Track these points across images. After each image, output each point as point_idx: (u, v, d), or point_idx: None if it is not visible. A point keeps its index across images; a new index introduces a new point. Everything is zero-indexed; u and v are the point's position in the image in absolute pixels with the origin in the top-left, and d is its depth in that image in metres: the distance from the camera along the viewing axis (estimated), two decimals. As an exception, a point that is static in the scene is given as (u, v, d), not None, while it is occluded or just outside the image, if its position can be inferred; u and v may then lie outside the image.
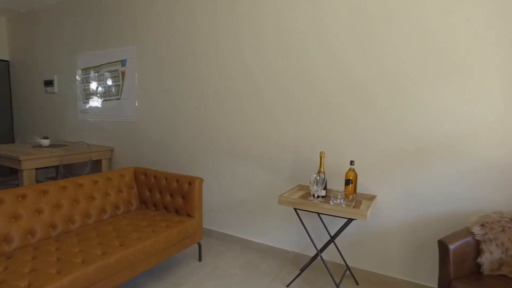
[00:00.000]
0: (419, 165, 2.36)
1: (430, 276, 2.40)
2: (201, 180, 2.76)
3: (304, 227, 2.35)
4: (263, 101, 2.92)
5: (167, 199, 2.85)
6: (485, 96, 2.14)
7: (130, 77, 3.83)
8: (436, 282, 2.38)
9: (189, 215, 2.73)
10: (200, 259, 2.84)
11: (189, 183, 2.76)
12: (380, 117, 2.45)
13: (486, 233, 1.93)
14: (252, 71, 2.95)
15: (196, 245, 3.13)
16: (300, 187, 2.70)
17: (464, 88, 2.18)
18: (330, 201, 2.26)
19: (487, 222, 1.96)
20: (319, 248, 2.75)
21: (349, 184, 2.37)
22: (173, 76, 3.47)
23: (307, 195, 2.52)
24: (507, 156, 2.12)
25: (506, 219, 1.96)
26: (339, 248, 2.69)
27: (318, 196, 2.39)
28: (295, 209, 2.34)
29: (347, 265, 2.59)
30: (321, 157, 2.41)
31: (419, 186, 2.37)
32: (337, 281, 2.41)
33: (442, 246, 1.86)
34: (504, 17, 2.05)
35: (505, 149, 2.12)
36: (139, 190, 2.98)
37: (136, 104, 3.80)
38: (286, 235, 2.94)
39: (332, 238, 2.41)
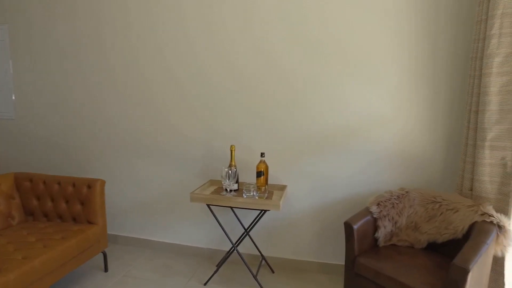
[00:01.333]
0: (324, 153, 2.51)
1: (336, 255, 2.59)
2: (103, 182, 2.48)
3: (218, 222, 2.30)
4: (171, 95, 2.75)
5: (62, 206, 2.48)
6: (381, 91, 2.36)
7: (1, 64, 3.20)
8: (341, 259, 2.59)
9: (90, 222, 2.43)
10: (106, 270, 2.57)
11: (89, 186, 2.45)
12: (288, 109, 2.52)
13: (381, 210, 2.15)
14: (164, 61, 2.75)
15: (102, 255, 2.82)
16: (212, 182, 2.64)
17: (364, 83, 2.38)
18: (243, 194, 2.25)
19: (382, 201, 2.19)
20: (234, 241, 2.74)
21: (260, 176, 2.39)
22: (66, 64, 3.01)
23: (220, 189, 2.47)
24: (396, 144, 2.39)
25: (394, 197, 2.21)
26: (254, 240, 2.72)
27: (230, 190, 2.35)
28: (208, 205, 2.27)
29: (262, 255, 2.63)
30: (231, 151, 2.37)
31: (324, 173, 2.53)
32: (254, 272, 2.43)
33: (348, 226, 2.01)
34: (397, 18, 2.28)
35: (395, 138, 2.39)
36: (23, 200, 2.53)
37: (13, 98, 3.21)
38: (200, 233, 2.85)
39: (247, 231, 2.42)
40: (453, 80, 2.26)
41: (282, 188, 2.51)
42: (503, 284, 1.86)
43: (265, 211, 2.22)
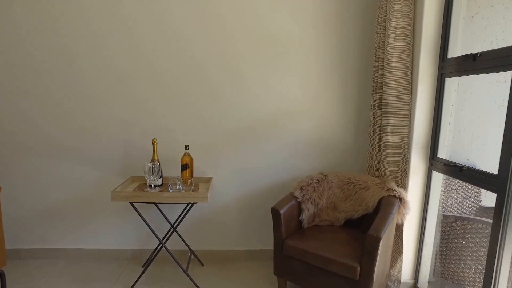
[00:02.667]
0: (248, 143, 2.57)
1: (263, 241, 2.71)
2: (-1, 189, 2.12)
3: (144, 220, 2.18)
4: (79, 84, 2.48)
5: None
6: (300, 83, 2.51)
7: None
8: (269, 244, 2.71)
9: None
10: (7, 290, 2.22)
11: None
12: (211, 101, 2.51)
13: (304, 194, 2.31)
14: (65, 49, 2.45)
15: None
16: (134, 179, 2.48)
17: (284, 76, 2.50)
18: (169, 189, 2.18)
19: (304, 186, 2.35)
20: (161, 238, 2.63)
21: (185, 169, 2.34)
22: None
23: (143, 186, 2.35)
24: (313, 132, 2.58)
25: (315, 181, 2.39)
26: (181, 235, 2.66)
27: (155, 186, 2.26)
28: (131, 203, 2.13)
29: (190, 249, 2.60)
30: (153, 145, 2.27)
31: (248, 163, 2.60)
32: (184, 268, 2.38)
33: (275, 212, 2.11)
34: (314, 19, 2.43)
35: (312, 127, 2.58)
36: None
37: None
38: (121, 234, 2.66)
39: (174, 227, 2.35)
40: (361, 74, 2.53)
41: (208, 180, 2.50)
42: (402, 246, 2.19)
43: (192, 204, 2.19)
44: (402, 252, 2.19)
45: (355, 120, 2.60)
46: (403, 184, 2.20)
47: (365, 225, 2.23)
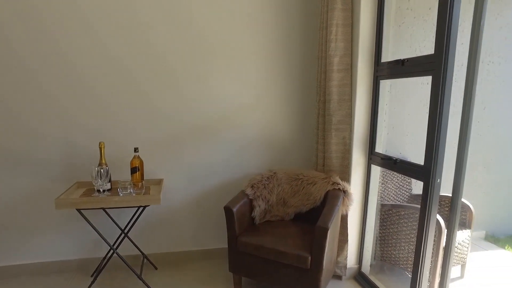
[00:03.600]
0: (198, 143, 2.59)
1: (217, 240, 2.75)
2: None
3: (94, 227, 2.10)
4: (18, 86, 2.29)
5: None
6: (249, 83, 2.59)
7: None
8: (223, 242, 2.75)
9: None
10: None
11: None
12: (159, 102, 2.49)
13: (255, 192, 2.39)
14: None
15: None
16: (79, 185, 2.37)
17: (234, 77, 2.55)
18: (119, 193, 2.12)
19: (255, 183, 2.43)
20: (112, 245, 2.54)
21: (135, 172, 2.30)
22: None
23: (90, 191, 2.25)
24: (262, 131, 2.68)
25: (265, 178, 2.49)
26: (132, 239, 2.59)
27: (104, 191, 2.18)
28: (79, 210, 2.04)
29: (143, 254, 2.55)
30: (101, 148, 2.19)
31: (200, 163, 2.62)
32: (138, 273, 2.32)
33: (228, 210, 2.16)
34: (262, 24, 2.52)
35: (261, 125, 2.67)
36: None
37: None
38: (66, 244, 2.52)
39: (125, 232, 2.29)
40: (306, 75, 2.69)
41: (159, 182, 2.47)
42: (347, 234, 2.38)
43: (145, 207, 2.16)
44: (347, 240, 2.38)
45: (302, 119, 2.75)
46: (346, 178, 2.39)
47: (313, 218, 2.38)
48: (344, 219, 2.37)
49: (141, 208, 2.20)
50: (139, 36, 2.39)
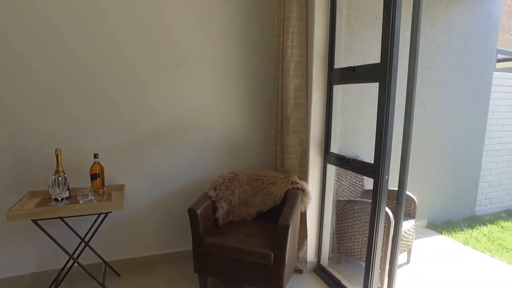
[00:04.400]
0: (160, 147, 2.59)
1: (181, 242, 2.76)
2: None
3: (52, 238, 2.03)
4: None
5: None
6: (210, 87, 2.63)
7: None
8: (187, 245, 2.77)
9: None
10: None
11: None
12: (119, 106, 2.45)
13: (217, 194, 2.45)
14: None
15: None
16: (33, 194, 2.26)
17: (195, 81, 2.58)
18: (80, 201, 2.08)
19: (217, 185, 2.49)
20: (72, 254, 2.46)
21: (96, 179, 2.25)
22: None
23: (46, 200, 2.17)
24: (223, 134, 2.74)
25: (227, 180, 2.56)
26: (93, 248, 2.52)
27: (62, 199, 2.12)
28: (34, 221, 1.97)
29: (105, 261, 2.49)
30: (57, 155, 2.12)
31: (162, 166, 2.62)
32: (100, 281, 2.27)
33: (192, 213, 2.20)
34: (220, 29, 2.57)
35: (222, 129, 2.73)
36: None
37: None
38: (17, 259, 2.38)
39: (85, 241, 2.23)
40: (265, 80, 2.79)
41: (120, 187, 2.44)
42: (306, 230, 2.52)
43: (107, 214, 2.13)
44: (307, 236, 2.52)
45: (261, 121, 2.85)
46: (304, 177, 2.53)
47: (274, 217, 2.49)
48: (303, 216, 2.50)
49: (102, 215, 2.16)
50: (99, 35, 2.34)
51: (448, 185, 3.92)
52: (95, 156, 2.24)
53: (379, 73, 1.87)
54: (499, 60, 7.98)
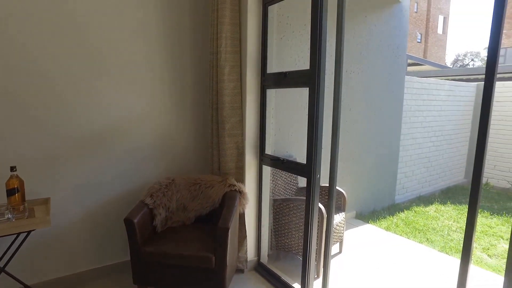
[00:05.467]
0: (91, 156, 2.43)
1: (118, 254, 2.62)
2: None
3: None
4: None
5: None
6: (142, 93, 2.53)
7: None
8: (125, 255, 2.64)
9: None
10: None
11: None
12: (43, 112, 2.24)
13: (155, 201, 2.39)
14: None
15: None
16: None
17: (126, 87, 2.46)
18: (-5, 220, 1.86)
19: (154, 192, 2.43)
20: (-19, 282, 2.18)
21: (14, 194, 2.03)
22: None
23: (-48, 222, 1.90)
24: (158, 139, 2.67)
25: (163, 186, 2.50)
26: (11, 273, 2.26)
27: (-28, 219, 1.88)
28: None
29: (26, 286, 2.26)
30: (-36, 170, 1.88)
31: (93, 176, 2.46)
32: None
33: (128, 222, 2.11)
34: (154, 36, 2.48)
35: (156, 134, 2.66)
36: None
37: None
38: None
39: (2, 266, 2.01)
40: (199, 84, 2.78)
41: (45, 201, 2.23)
42: (245, 231, 2.58)
43: (29, 233, 1.94)
44: (246, 236, 2.58)
45: (197, 126, 2.84)
46: (241, 179, 2.58)
47: (214, 219, 2.50)
48: (242, 217, 2.56)
49: (23, 235, 1.96)
50: (12, 36, 2.11)
51: (372, 178, 4.32)
52: (12, 169, 2.02)
53: (309, 79, 2.00)
54: (408, 65, 8.99)
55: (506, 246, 3.46)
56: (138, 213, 2.21)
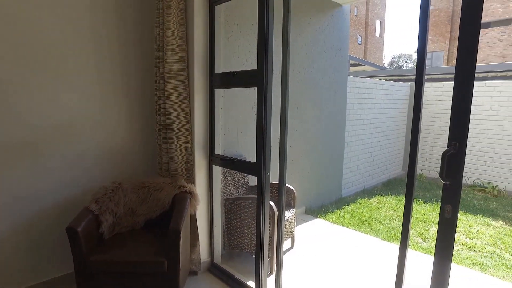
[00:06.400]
0: (29, 162, 2.23)
1: (60, 266, 2.44)
2: None
3: None
4: None
5: None
6: (86, 96, 2.38)
7: None
8: (68, 267, 2.47)
9: None
10: None
11: None
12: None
13: (100, 207, 2.27)
14: None
15: None
16: None
17: (70, 89, 2.30)
18: None
19: (99, 198, 2.30)
20: None
21: None
22: None
23: None
24: (102, 142, 2.53)
25: (109, 191, 2.39)
26: None
27: None
28: None
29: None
30: None
31: (29, 182, 2.26)
32: None
33: (71, 231, 1.98)
34: (100, 38, 2.33)
35: (100, 138, 2.52)
36: None
37: None
38: None
39: None
40: (145, 84, 2.69)
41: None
42: (197, 232, 2.55)
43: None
44: (198, 237, 2.56)
45: (143, 127, 2.74)
46: (192, 180, 2.55)
47: (164, 223, 2.44)
48: (193, 218, 2.53)
49: None
50: None
51: (319, 174, 4.50)
52: None
53: (257, 79, 2.03)
54: (351, 65, 9.51)
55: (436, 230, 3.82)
56: (82, 221, 2.08)
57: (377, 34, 25.74)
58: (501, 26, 18.54)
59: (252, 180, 3.24)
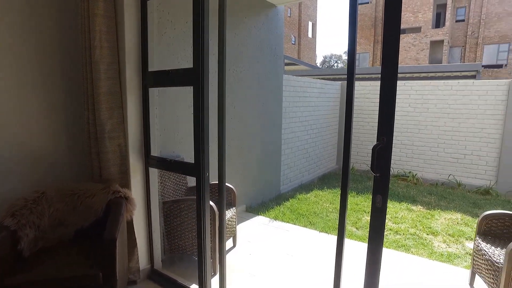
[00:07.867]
0: None
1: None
2: None
3: None
4: None
5: None
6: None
7: None
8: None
9: None
10: None
11: None
12: None
13: (18, 220, 2.02)
14: None
15: None
16: None
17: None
18: None
19: (17, 210, 2.05)
20: None
21: None
22: None
23: None
24: (19, 149, 2.25)
25: (30, 202, 2.15)
26: None
27: None
28: None
29: None
30: None
31: None
32: None
33: (-17, 250, 1.74)
34: (20, 36, 2.05)
35: (15, 143, 2.24)
36: None
37: None
38: None
39: None
40: (70, 84, 2.45)
41: None
42: (135, 239, 2.41)
43: None
44: (136, 244, 2.42)
45: (71, 130, 2.51)
46: (127, 184, 2.40)
47: (98, 231, 2.27)
48: (130, 224, 2.39)
49: None
50: None
51: (258, 172, 4.56)
52: None
53: (193, 78, 1.99)
54: (286, 65, 9.81)
55: (368, 218, 4.13)
56: (-8, 238, 1.84)
57: (310, 35, 26.91)
58: (413, 33, 20.86)
59: (191, 181, 3.16)
